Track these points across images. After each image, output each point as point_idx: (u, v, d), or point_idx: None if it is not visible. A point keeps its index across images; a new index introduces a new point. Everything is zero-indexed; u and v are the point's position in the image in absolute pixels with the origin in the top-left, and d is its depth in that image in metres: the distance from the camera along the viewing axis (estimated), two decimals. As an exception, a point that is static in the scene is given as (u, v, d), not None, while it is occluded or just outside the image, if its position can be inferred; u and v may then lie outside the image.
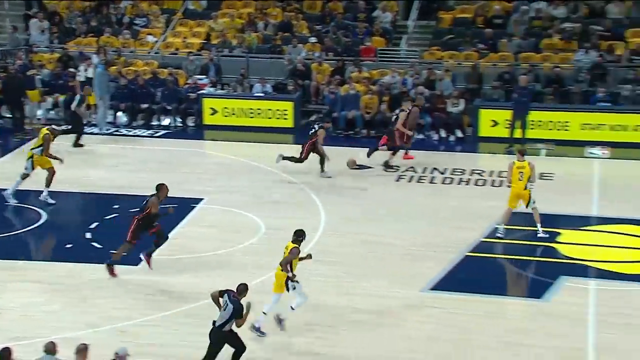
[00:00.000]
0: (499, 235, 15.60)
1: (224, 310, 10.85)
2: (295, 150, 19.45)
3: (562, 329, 12.41)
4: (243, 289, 10.96)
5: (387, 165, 19.55)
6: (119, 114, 23.76)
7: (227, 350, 11.03)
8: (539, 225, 15.53)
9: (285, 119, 23.07)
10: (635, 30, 23.80)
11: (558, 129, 21.25)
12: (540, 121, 21.34)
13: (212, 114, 23.29)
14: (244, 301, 10.89)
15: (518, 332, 12.43)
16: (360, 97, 22.87)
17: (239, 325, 10.94)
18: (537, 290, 13.76)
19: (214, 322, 10.95)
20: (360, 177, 19.32)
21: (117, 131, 22.91)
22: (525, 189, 15.45)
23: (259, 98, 23.30)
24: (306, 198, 17.82)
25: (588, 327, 12.50)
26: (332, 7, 27.00)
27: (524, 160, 15.54)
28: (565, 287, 13.73)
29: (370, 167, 19.58)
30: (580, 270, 14.39)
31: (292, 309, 12.16)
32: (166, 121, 23.55)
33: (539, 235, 15.50)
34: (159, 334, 12.24)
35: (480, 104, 22.33)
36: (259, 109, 23.14)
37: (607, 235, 15.79)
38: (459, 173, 19.46)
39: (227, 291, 10.96)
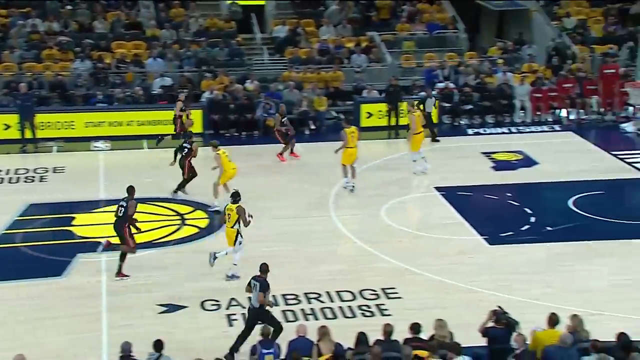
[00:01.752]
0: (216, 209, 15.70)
1: (255, 290, 10.69)
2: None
3: (80, 299, 12.55)
4: (265, 268, 10.95)
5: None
6: None
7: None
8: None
9: None
10: (119, 42, 24.50)
11: (65, 128, 21.00)
12: (49, 122, 20.89)
13: None
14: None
15: (43, 308, 12.26)
16: None
17: (259, 301, 10.56)
18: (57, 269, 13.63)
19: (250, 305, 10.75)
20: None
21: None
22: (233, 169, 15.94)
23: None
24: None
25: (101, 292, 12.78)
26: None
27: (220, 150, 15.87)
28: (81, 263, 13.85)
29: None
30: (93, 246, 14.54)
31: (226, 253, 12.64)
32: None
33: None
34: None
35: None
36: None
37: (113, 214, 16.20)
38: (-23, 175, 18.26)
39: (253, 277, 10.88)
